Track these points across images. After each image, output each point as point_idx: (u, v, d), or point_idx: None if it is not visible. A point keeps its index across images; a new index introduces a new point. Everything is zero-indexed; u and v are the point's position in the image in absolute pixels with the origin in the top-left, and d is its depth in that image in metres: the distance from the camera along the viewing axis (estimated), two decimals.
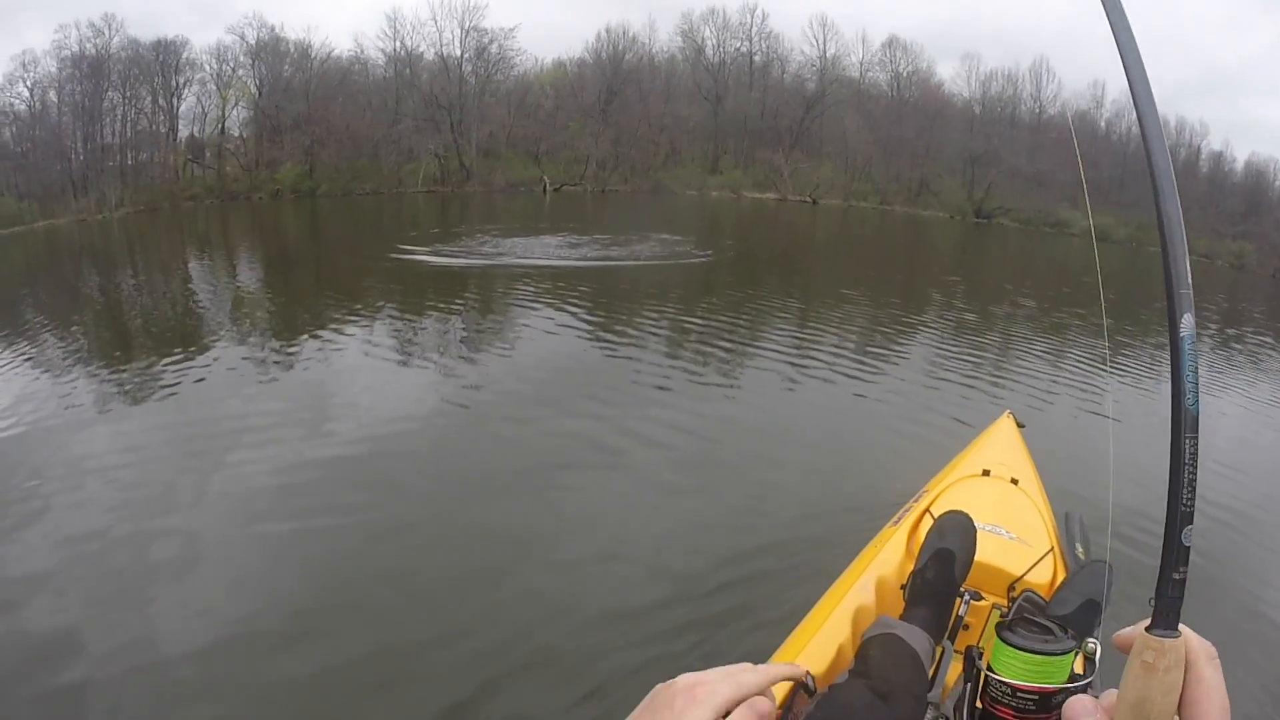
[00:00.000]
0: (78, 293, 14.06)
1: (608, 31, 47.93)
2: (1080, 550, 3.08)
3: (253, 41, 38.82)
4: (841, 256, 24.53)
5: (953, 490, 3.29)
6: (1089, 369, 9.93)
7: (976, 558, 2.48)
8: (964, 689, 1.15)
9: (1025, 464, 3.77)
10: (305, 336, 9.33)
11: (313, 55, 40.56)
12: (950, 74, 52.83)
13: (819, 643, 2.33)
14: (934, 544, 2.47)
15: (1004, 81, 47.31)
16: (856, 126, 46.07)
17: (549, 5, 69.28)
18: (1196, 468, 0.67)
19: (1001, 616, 2.34)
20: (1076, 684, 0.84)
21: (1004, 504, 3.16)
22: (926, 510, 3.05)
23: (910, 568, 2.60)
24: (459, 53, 44.41)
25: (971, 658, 1.04)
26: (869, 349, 9.88)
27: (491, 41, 44.66)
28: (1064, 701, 0.77)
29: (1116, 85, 51.84)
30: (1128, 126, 45.99)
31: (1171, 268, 0.69)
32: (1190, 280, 0.69)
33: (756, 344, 9.66)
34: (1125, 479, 5.81)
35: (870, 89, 48.89)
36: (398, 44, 43.57)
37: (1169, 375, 0.66)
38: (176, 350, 8.73)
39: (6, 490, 5.06)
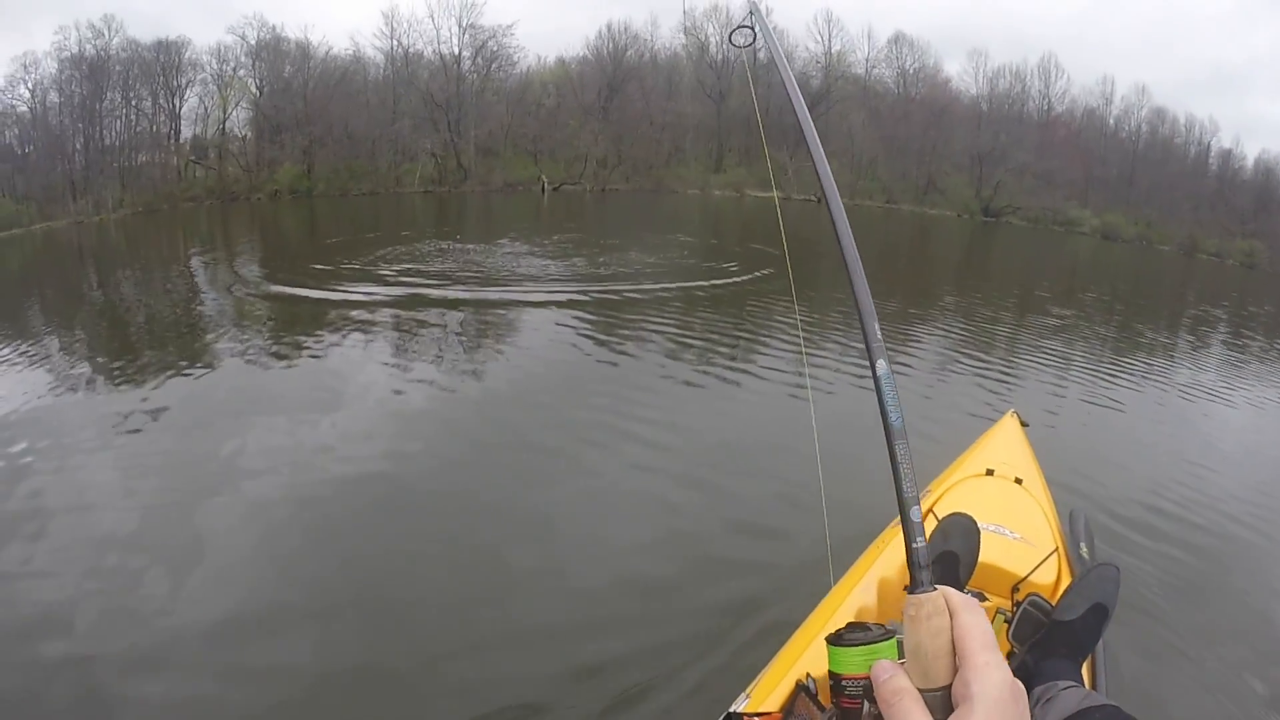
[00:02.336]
0: (70, 297, 14.12)
1: (609, 28, 47.45)
2: (1085, 550, 3.09)
3: (253, 41, 38.95)
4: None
5: (956, 490, 3.27)
6: (1097, 367, 10.02)
7: (980, 558, 2.48)
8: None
9: (1029, 463, 3.75)
10: (297, 348, 9.15)
11: (312, 55, 40.53)
12: (957, 71, 51.57)
13: (821, 643, 2.26)
14: (938, 546, 2.48)
15: (1011, 78, 46.40)
16: (862, 124, 45.43)
17: (551, 3, 68.54)
18: (911, 463, 0.93)
19: (1006, 620, 2.37)
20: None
21: (1008, 504, 3.15)
22: (930, 510, 3.03)
23: None
24: (456, 50, 44.27)
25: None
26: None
27: (490, 38, 44.47)
28: None
29: (1126, 81, 51.38)
30: (1137, 124, 45.46)
31: (866, 330, 1.00)
32: (879, 335, 0.99)
33: (750, 348, 9.45)
34: (1132, 476, 6.04)
35: (876, 86, 48.20)
36: (394, 42, 43.50)
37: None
38: (173, 356, 8.82)
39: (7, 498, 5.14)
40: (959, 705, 0.73)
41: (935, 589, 0.80)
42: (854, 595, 2.56)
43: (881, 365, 0.96)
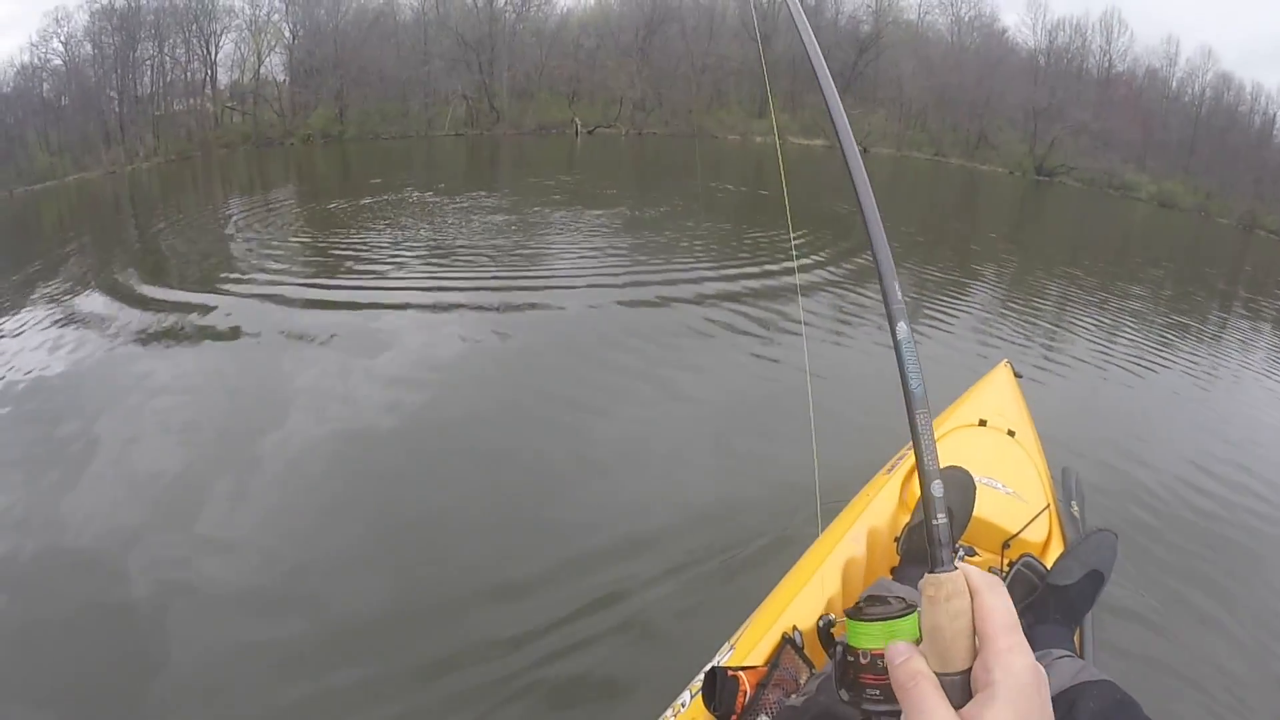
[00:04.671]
0: (108, 245, 14.49)
1: None
2: (1076, 508, 3.08)
3: None
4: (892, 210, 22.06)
5: (948, 439, 3.23)
6: (1116, 333, 9.57)
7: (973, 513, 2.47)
8: (831, 670, 1.15)
9: (1022, 415, 3.71)
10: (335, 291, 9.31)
11: None
12: (1015, 21, 48.29)
13: (808, 595, 2.27)
14: None
15: (1072, 32, 43.42)
16: (913, 72, 43.35)
17: None
18: (932, 434, 0.86)
19: (1001, 579, 2.30)
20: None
21: (1000, 456, 3.11)
22: None
23: (903, 519, 2.65)
24: None
25: (830, 639, 1.10)
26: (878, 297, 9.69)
27: None
28: None
29: (1191, 43, 48.08)
30: (1201, 88, 42.78)
31: (886, 290, 0.92)
32: (900, 296, 0.92)
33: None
34: (1131, 443, 5.83)
35: (928, 32, 45.75)
36: None
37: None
38: (211, 295, 9.10)
39: (59, 430, 5.50)
40: (979, 691, 0.71)
41: (956, 568, 0.77)
42: (842, 545, 2.52)
43: (902, 329, 0.91)
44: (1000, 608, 0.73)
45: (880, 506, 2.74)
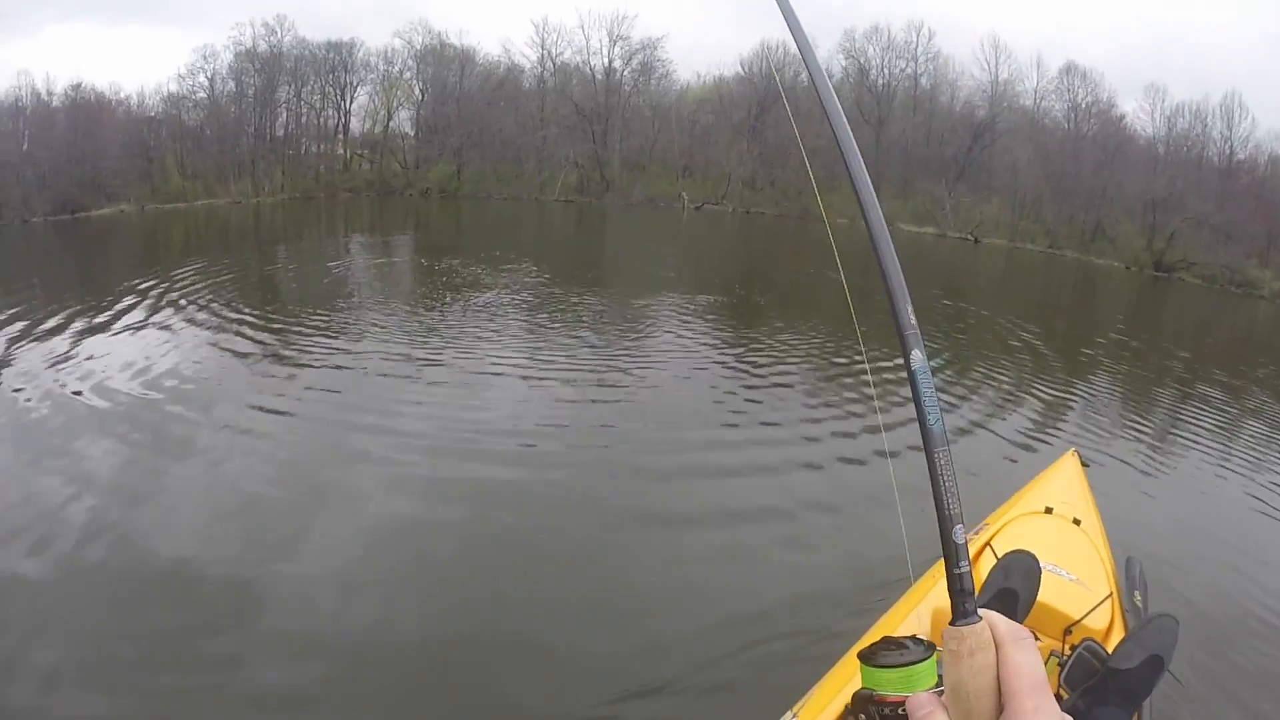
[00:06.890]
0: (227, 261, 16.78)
1: (764, 46, 45.94)
2: (1138, 598, 3.12)
3: (418, 46, 41.26)
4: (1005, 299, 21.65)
5: (1014, 525, 3.28)
6: (1211, 433, 9.28)
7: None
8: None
9: (1088, 504, 3.76)
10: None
11: (476, 61, 42.64)
12: (1132, 108, 46.72)
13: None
14: (999, 582, 2.46)
15: (1191, 117, 42.20)
16: (1028, 160, 43.05)
17: (708, 23, 67.35)
18: (954, 475, 0.79)
19: (1060, 664, 2.40)
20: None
21: (1065, 544, 3.14)
22: (988, 544, 3.05)
23: None
24: (606, 62, 44.68)
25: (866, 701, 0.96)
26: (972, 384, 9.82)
27: (641, 49, 44.76)
28: None
29: None
30: None
31: (898, 315, 0.83)
32: (914, 321, 0.83)
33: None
34: (1201, 545, 5.87)
35: (1044, 118, 45.58)
36: (544, 52, 44.43)
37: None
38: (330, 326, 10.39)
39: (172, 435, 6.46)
40: None
41: (979, 618, 0.74)
42: (905, 625, 2.59)
43: (917, 357, 0.82)
44: (1027, 664, 0.70)
45: (944, 588, 2.24)
